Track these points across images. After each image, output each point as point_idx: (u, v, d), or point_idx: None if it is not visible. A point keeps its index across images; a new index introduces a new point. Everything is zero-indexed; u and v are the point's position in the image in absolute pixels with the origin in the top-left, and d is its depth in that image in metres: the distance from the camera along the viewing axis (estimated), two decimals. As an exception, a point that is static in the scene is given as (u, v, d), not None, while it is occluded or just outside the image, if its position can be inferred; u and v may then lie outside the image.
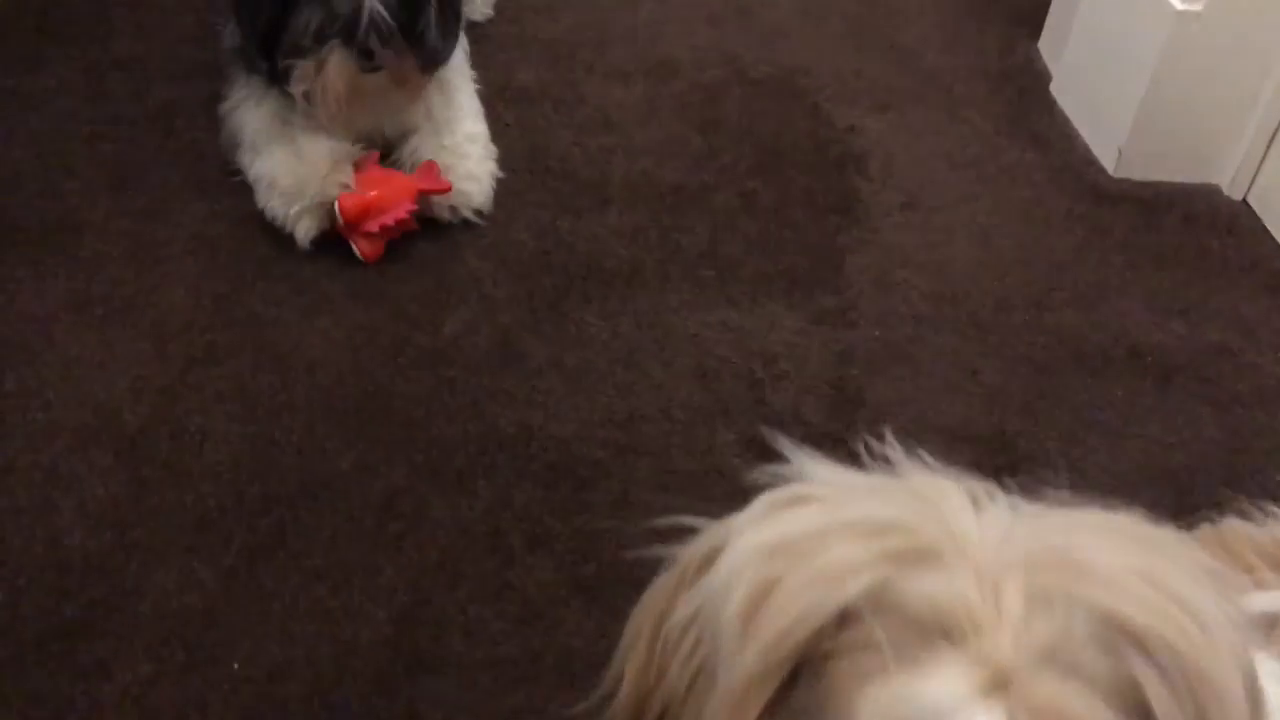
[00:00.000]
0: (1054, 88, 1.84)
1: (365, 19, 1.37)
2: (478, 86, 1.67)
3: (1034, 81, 1.87)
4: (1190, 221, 1.63)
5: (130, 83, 1.66)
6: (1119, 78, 1.66)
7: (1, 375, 1.25)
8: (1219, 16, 1.54)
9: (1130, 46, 1.64)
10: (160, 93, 1.64)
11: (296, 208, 1.43)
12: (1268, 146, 1.63)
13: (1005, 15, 2.02)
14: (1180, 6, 1.54)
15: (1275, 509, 0.92)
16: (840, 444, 1.24)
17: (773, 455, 0.56)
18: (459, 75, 1.61)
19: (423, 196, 1.47)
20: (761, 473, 0.55)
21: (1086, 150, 1.73)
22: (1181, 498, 1.26)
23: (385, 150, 1.56)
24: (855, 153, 1.69)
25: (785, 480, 0.55)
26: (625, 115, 1.72)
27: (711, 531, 0.57)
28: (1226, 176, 1.67)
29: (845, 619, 0.50)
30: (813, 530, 0.52)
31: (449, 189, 1.49)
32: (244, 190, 1.48)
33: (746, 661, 0.51)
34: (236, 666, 1.04)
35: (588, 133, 1.68)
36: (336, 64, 1.40)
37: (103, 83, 1.65)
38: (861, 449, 0.63)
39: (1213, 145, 1.66)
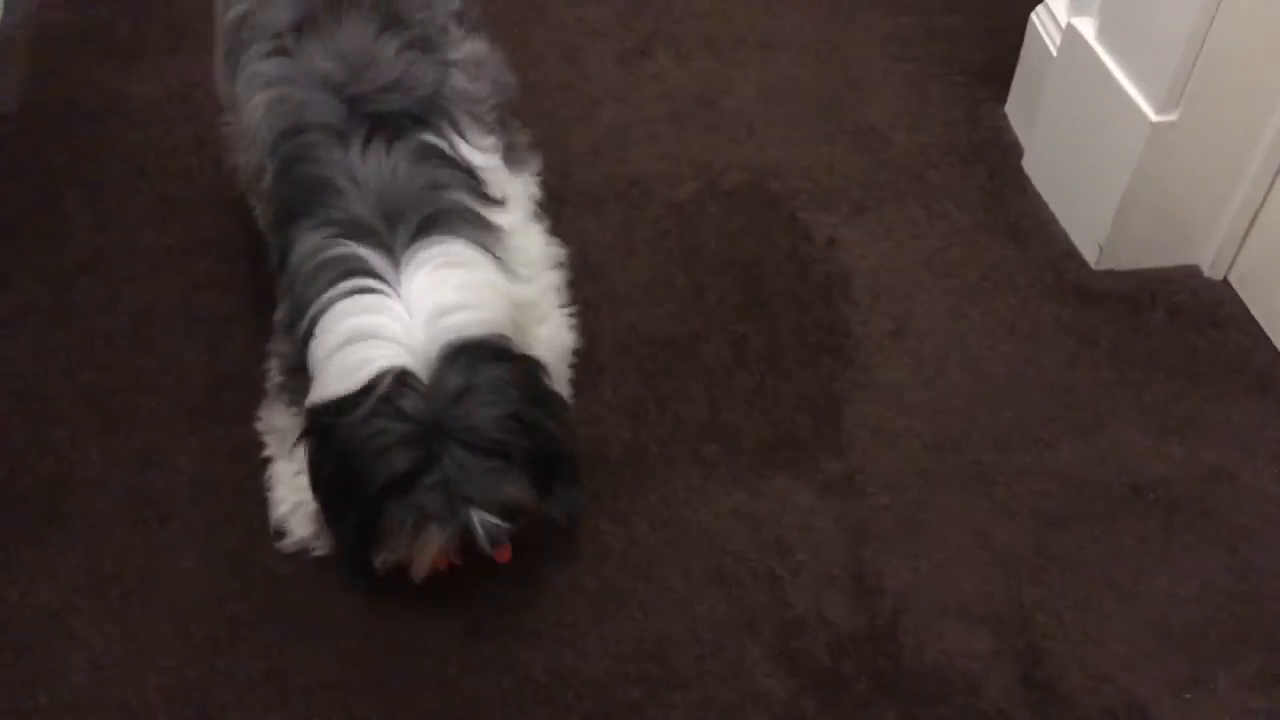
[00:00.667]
0: (1026, 164, 1.80)
1: (480, 534, 1.17)
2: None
3: (1005, 157, 1.83)
4: (1175, 315, 1.61)
5: (98, 289, 1.59)
6: (1095, 176, 1.63)
7: (33, 690, 1.23)
8: (1195, 124, 1.50)
9: (1105, 149, 1.59)
10: (131, 298, 1.58)
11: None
12: (1246, 231, 1.60)
13: (967, 75, 1.95)
14: (1156, 118, 1.50)
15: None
16: (867, 645, 1.26)
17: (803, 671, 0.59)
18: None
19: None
20: None
21: (1066, 241, 1.70)
22: (1197, 664, 1.28)
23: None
24: (838, 272, 1.66)
25: None
26: (604, 255, 1.67)
27: None
28: (1207, 258, 1.65)
29: None
30: None
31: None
32: (235, 418, 1.44)
33: None
34: None
35: (570, 282, 1.64)
36: (434, 549, 1.19)
37: (69, 294, 1.58)
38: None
39: (1192, 230, 1.63)
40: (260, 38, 1.36)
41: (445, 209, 1.23)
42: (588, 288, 1.61)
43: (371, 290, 1.15)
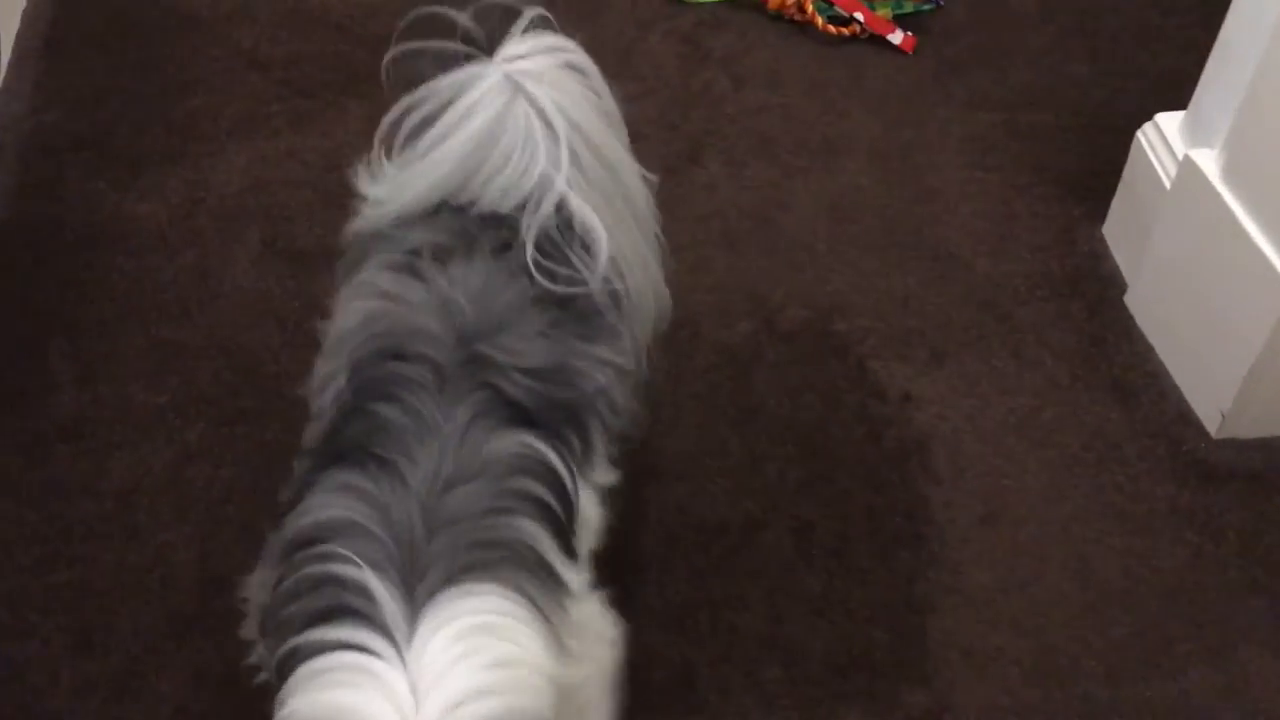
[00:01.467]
0: (1130, 301, 1.55)
1: None
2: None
3: (1105, 291, 1.58)
4: (1311, 497, 1.38)
5: (80, 460, 1.38)
6: (1219, 333, 1.38)
7: None
8: (1345, 290, 1.26)
9: (1232, 304, 1.34)
10: (117, 470, 1.37)
11: None
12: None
13: (1057, 186, 1.70)
14: (1299, 284, 1.26)
15: None
16: None
17: None
18: None
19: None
20: None
21: (1181, 402, 1.45)
22: None
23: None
24: (916, 438, 1.43)
25: None
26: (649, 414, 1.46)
27: None
28: (1345, 425, 1.42)
29: None
30: None
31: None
32: (227, 629, 1.23)
33: None
34: None
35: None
36: None
37: (48, 465, 1.38)
38: None
39: (1329, 395, 1.40)
40: (389, 249, 1.07)
41: (503, 543, 0.89)
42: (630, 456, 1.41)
43: (364, 651, 0.80)
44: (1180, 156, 1.42)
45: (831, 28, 1.93)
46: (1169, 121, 1.49)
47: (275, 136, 1.77)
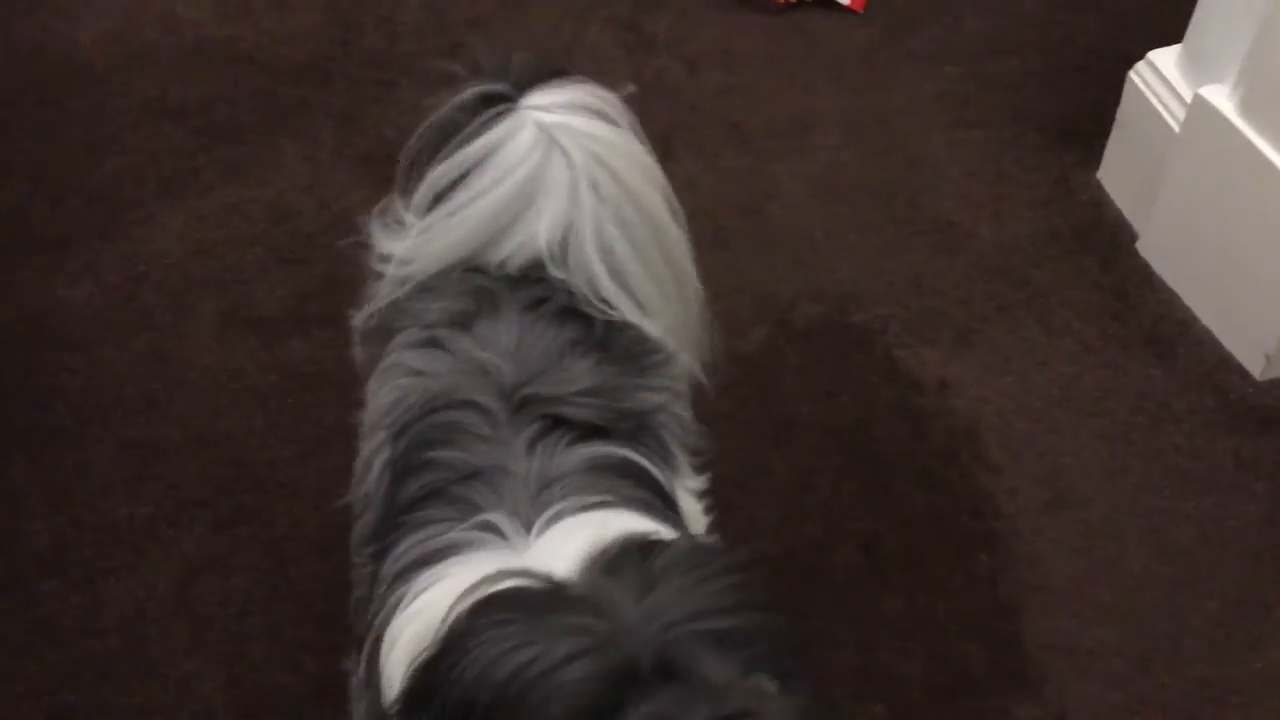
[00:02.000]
0: (1144, 249, 1.49)
1: None
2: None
3: (1115, 240, 1.51)
4: (1366, 428, 1.34)
5: (70, 594, 1.19)
6: (1253, 273, 1.32)
7: None
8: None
9: (1265, 242, 1.29)
10: (114, 600, 1.18)
11: None
12: None
13: (1041, 134, 1.62)
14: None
15: None
16: None
17: None
18: None
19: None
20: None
21: (1218, 348, 1.39)
22: None
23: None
24: (962, 427, 1.35)
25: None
26: (680, 444, 1.36)
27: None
28: (1386, 351, 1.38)
29: None
30: None
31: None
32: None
33: None
34: None
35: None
36: None
37: (35, 605, 1.19)
38: None
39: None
40: (410, 324, 0.97)
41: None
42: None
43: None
44: (1188, 97, 1.36)
45: (776, -4, 1.83)
46: (1165, 59, 1.42)
47: (208, 192, 1.59)
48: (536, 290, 0.96)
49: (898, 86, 1.71)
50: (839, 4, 1.81)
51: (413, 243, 0.98)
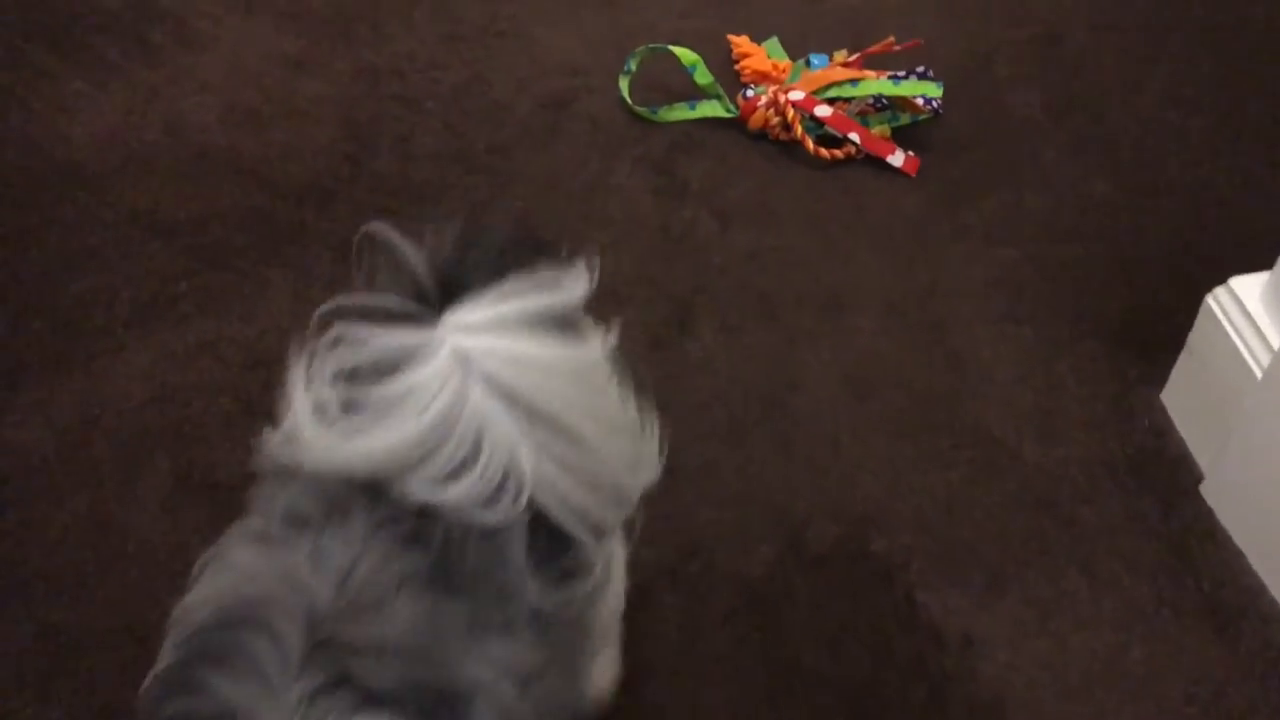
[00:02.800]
0: (1208, 492, 1.30)
1: None
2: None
3: (1175, 477, 1.32)
4: None
5: None
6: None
7: None
8: None
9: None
10: None
11: None
12: None
13: (1100, 342, 1.44)
14: None
15: None
16: None
17: None
18: None
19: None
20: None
21: (1289, 629, 1.23)
22: None
23: None
24: (986, 698, 1.15)
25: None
26: (661, 683, 1.18)
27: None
28: None
29: None
30: None
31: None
32: None
33: None
34: None
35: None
36: None
37: None
38: None
39: None
40: (256, 511, 0.86)
41: None
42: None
43: None
44: (1274, 338, 1.18)
45: (824, 151, 1.65)
46: (1249, 288, 1.24)
47: (183, 324, 1.44)
48: (395, 505, 0.81)
49: (946, 266, 1.54)
50: (890, 164, 1.66)
51: (305, 448, 0.84)
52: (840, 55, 1.77)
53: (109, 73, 1.75)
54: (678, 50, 1.72)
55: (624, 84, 1.73)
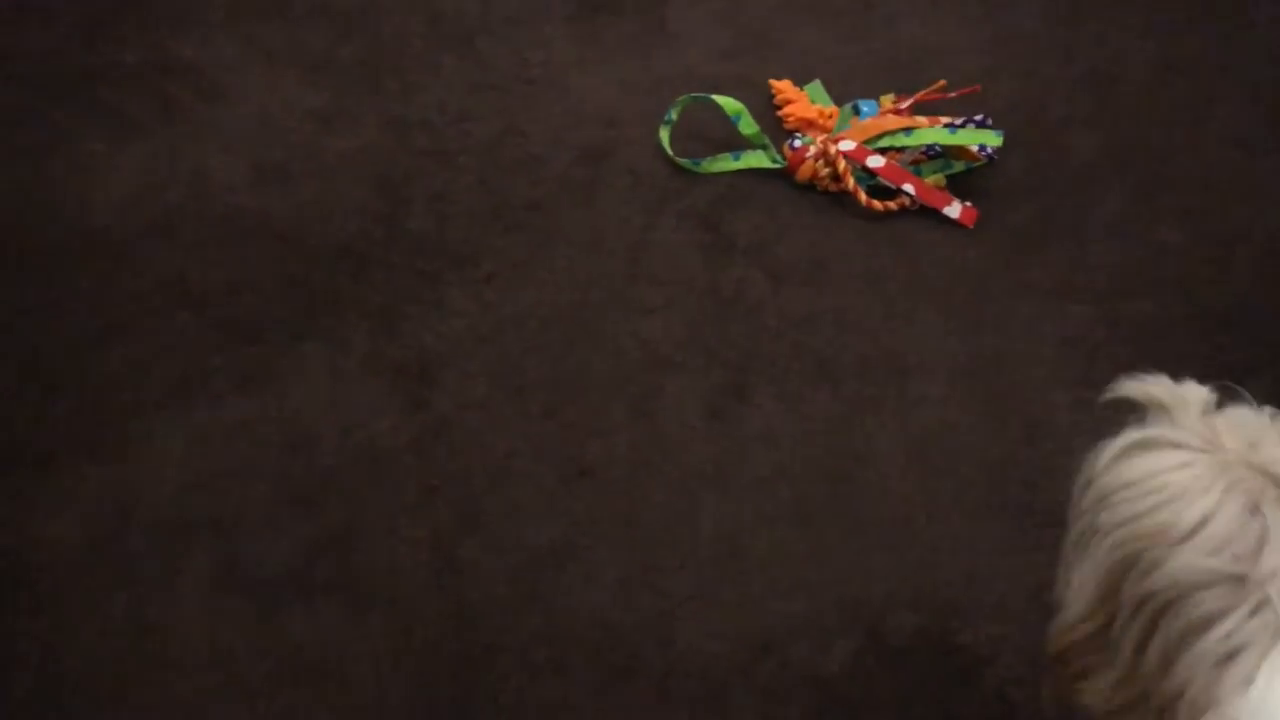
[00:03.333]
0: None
1: None
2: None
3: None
4: None
5: None
6: None
7: None
8: None
9: None
10: None
11: None
12: None
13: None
14: None
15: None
16: None
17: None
18: None
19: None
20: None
21: None
22: None
23: None
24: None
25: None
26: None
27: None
28: None
29: None
30: None
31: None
32: None
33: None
34: None
35: None
36: None
37: None
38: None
39: None
40: None
41: None
42: None
43: None
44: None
45: (876, 203, 1.58)
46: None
47: (218, 403, 1.37)
48: None
49: (1014, 326, 1.46)
50: (946, 216, 1.58)
51: None
52: (888, 100, 1.69)
53: (129, 131, 1.67)
54: (721, 99, 1.64)
55: (664, 134, 1.66)
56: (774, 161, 1.64)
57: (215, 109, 1.72)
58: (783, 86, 1.74)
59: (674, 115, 1.66)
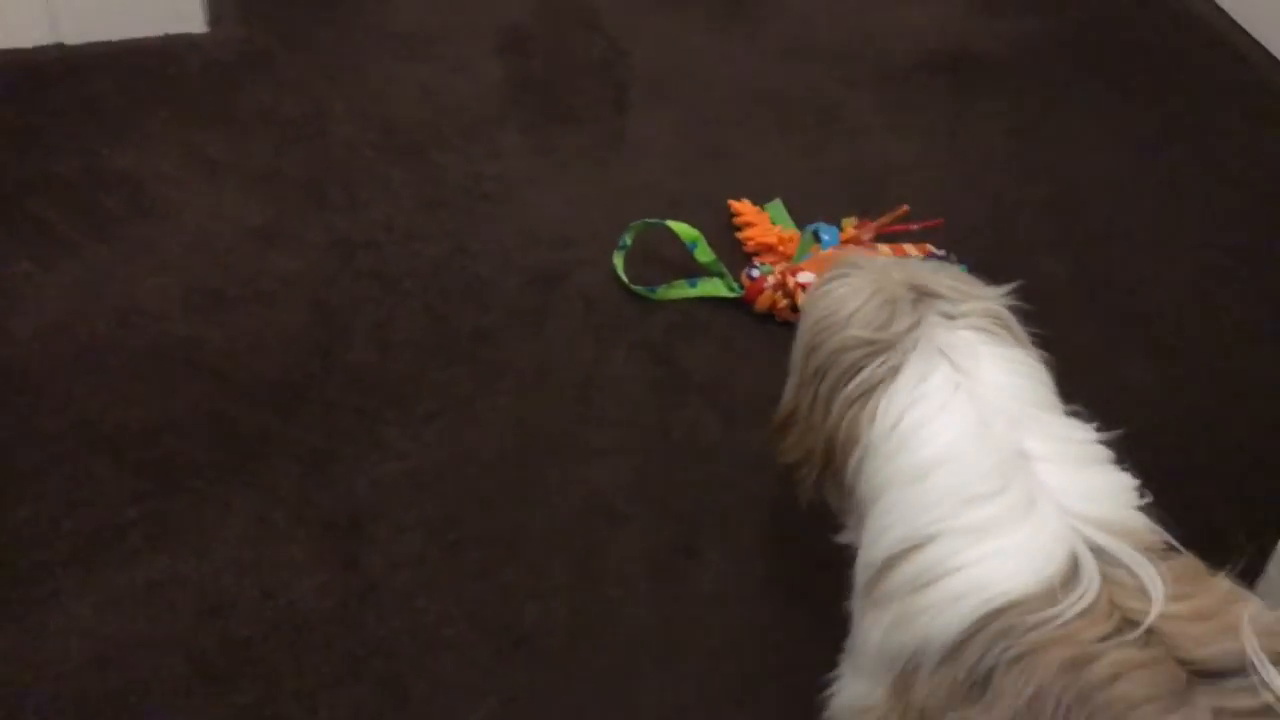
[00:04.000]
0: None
1: None
2: None
3: None
4: None
5: None
6: None
7: None
8: None
9: None
10: None
11: None
12: None
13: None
14: None
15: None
16: None
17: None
18: None
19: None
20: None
21: None
22: None
23: None
24: None
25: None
26: None
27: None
28: None
29: None
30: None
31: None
32: None
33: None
34: None
35: None
36: None
37: None
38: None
39: None
40: None
41: None
42: None
43: None
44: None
45: (837, 336, 1.52)
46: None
47: (131, 562, 1.26)
48: None
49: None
50: (909, 351, 1.51)
51: None
52: (850, 223, 1.63)
53: (59, 250, 1.59)
54: (676, 226, 1.57)
55: (619, 260, 1.59)
56: (731, 290, 1.57)
57: (151, 225, 1.64)
58: (742, 208, 1.68)
59: (628, 241, 1.59)
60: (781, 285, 1.52)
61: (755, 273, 1.55)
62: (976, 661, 0.84)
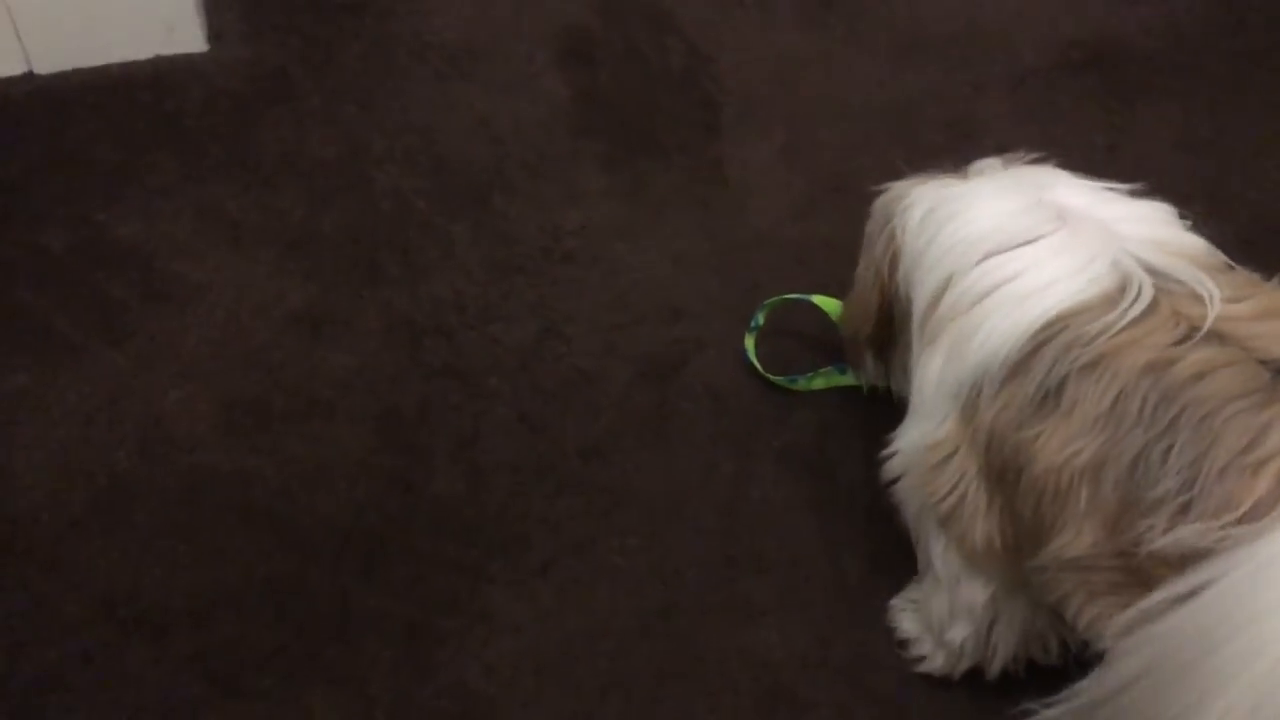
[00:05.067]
0: None
1: None
2: None
3: None
4: None
5: None
6: None
7: None
8: None
9: None
10: None
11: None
12: None
13: None
14: None
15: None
16: None
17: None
18: None
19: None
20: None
21: None
22: None
23: None
24: None
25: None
26: None
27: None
28: None
29: None
30: None
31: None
32: None
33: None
34: None
35: None
36: None
37: None
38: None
39: None
40: None
41: None
42: None
43: None
44: None
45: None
46: None
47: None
48: None
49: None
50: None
51: None
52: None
53: (58, 354, 1.27)
54: (820, 300, 1.28)
55: (750, 344, 1.29)
56: (889, 374, 1.28)
57: (168, 316, 1.32)
58: (886, 263, 1.38)
59: (760, 320, 1.29)
60: (957, 372, 1.24)
61: (922, 356, 1.26)
62: (1046, 373, 0.84)
